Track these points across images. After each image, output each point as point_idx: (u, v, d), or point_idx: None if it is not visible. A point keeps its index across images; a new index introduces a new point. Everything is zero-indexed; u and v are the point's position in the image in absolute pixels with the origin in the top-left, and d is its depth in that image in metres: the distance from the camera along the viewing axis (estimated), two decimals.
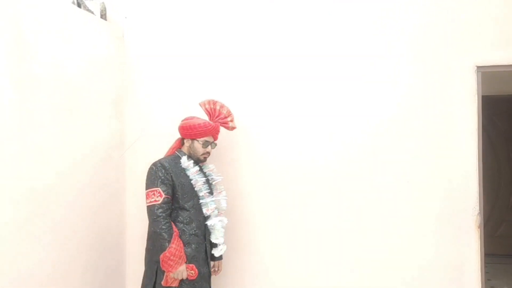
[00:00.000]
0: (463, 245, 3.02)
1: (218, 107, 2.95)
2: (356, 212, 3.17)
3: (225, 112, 2.97)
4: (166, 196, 2.72)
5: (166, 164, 2.79)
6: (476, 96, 2.99)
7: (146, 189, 2.77)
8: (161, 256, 2.68)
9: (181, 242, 2.71)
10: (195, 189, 2.84)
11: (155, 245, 2.75)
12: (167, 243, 2.66)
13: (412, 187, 3.09)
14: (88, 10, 3.28)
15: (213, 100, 2.97)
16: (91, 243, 3.12)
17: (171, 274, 2.68)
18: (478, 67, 3.00)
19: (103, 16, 3.45)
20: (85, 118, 3.08)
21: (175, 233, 2.71)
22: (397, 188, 3.11)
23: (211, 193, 2.92)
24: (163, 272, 2.72)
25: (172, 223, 2.74)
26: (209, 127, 2.86)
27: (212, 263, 3.00)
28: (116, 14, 3.50)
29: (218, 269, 3.06)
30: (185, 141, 2.92)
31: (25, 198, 2.57)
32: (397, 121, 3.11)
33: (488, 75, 3.10)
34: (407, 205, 3.10)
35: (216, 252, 2.93)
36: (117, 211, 3.43)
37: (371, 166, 3.15)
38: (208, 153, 2.92)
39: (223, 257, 3.06)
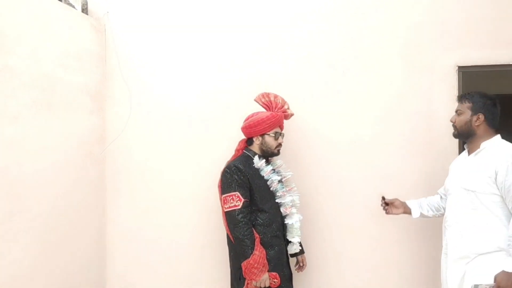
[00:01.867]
0: None
1: (272, 98, 2.83)
2: (337, 211, 3.18)
3: (280, 101, 2.85)
4: (246, 199, 2.63)
5: (241, 166, 2.68)
6: (457, 95, 3.01)
7: (223, 193, 2.66)
8: (244, 263, 2.56)
9: (263, 248, 2.61)
10: (271, 189, 2.76)
11: (236, 252, 2.65)
12: (250, 250, 2.55)
13: (393, 185, 3.10)
14: (69, 3, 3.24)
15: (265, 93, 2.86)
16: (71, 241, 3.08)
17: (254, 283, 2.57)
18: (460, 67, 3.02)
19: (84, 10, 3.41)
20: (65, 113, 3.03)
21: (256, 239, 2.60)
22: (379, 187, 3.11)
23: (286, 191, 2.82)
24: (244, 279, 2.61)
25: (253, 228, 2.63)
26: (277, 117, 2.76)
27: (295, 258, 2.94)
28: (98, 8, 3.46)
29: (303, 265, 2.96)
30: (254, 139, 2.80)
31: (2, 195, 2.52)
32: (379, 119, 3.13)
33: (469, 75, 3.12)
34: None
35: (291, 250, 2.84)
36: (97, 208, 3.39)
37: (352, 165, 3.16)
38: (281, 144, 2.81)
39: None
